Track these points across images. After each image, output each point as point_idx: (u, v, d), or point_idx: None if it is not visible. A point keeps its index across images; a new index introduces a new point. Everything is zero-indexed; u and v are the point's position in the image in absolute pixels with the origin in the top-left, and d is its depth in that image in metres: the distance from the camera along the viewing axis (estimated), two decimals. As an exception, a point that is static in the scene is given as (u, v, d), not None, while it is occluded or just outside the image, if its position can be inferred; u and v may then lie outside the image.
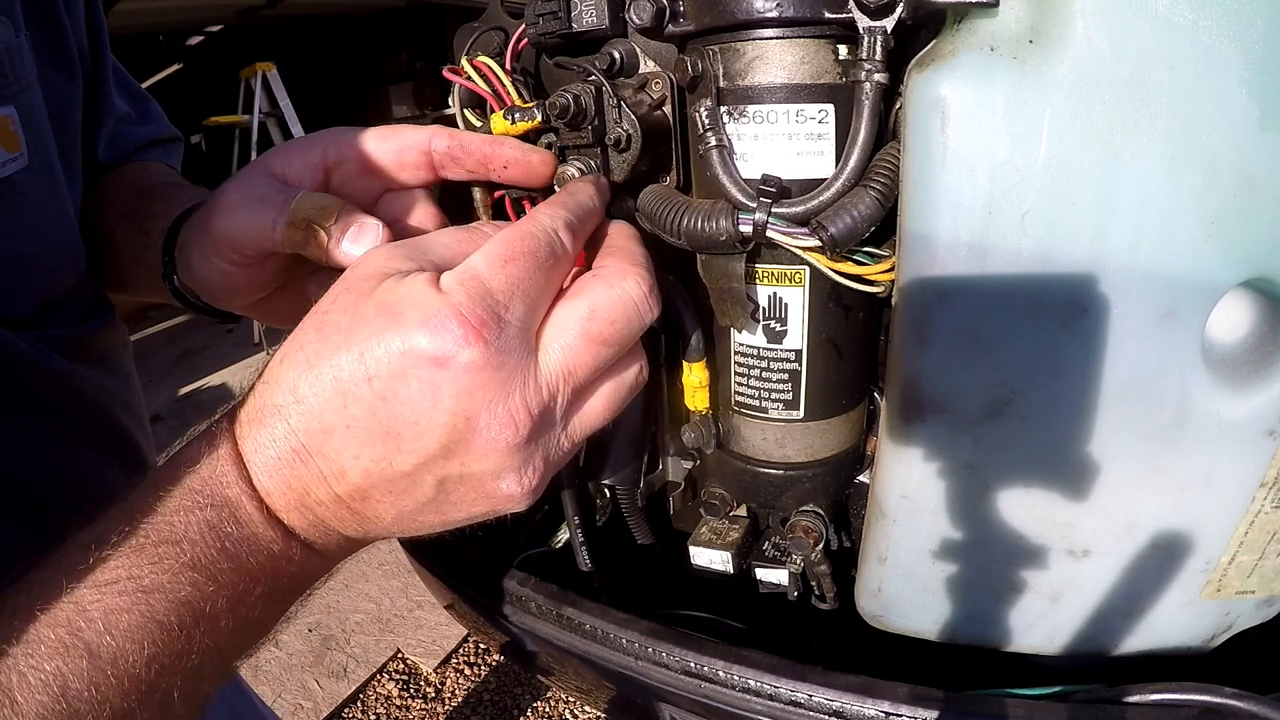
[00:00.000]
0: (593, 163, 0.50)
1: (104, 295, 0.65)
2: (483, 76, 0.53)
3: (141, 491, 0.34)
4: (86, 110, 0.65)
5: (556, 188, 0.51)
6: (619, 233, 0.43)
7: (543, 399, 0.34)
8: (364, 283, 0.34)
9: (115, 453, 0.62)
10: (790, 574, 0.59)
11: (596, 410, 0.38)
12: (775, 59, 0.44)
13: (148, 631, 0.31)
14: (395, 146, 0.47)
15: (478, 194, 0.57)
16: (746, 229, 0.44)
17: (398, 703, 2.00)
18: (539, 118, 0.49)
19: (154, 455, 0.70)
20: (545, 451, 0.36)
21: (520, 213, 0.57)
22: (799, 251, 0.44)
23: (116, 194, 0.66)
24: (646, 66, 0.51)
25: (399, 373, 0.32)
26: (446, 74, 0.55)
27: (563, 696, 1.96)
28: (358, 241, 0.44)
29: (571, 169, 0.49)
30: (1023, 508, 0.47)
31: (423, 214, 0.50)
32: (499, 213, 0.58)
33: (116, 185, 0.67)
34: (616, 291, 0.37)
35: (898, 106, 0.43)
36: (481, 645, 2.11)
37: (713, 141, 0.45)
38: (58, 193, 0.55)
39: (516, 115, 0.50)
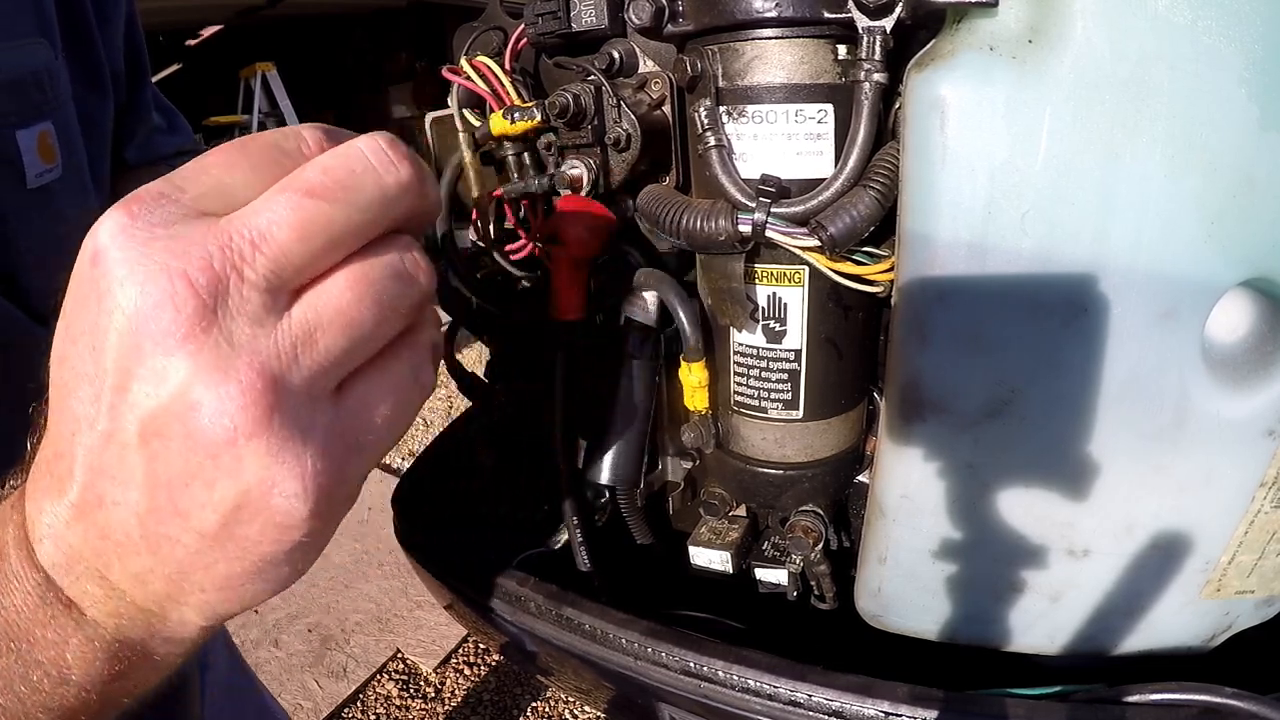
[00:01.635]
0: (592, 162, 0.50)
1: None
2: (482, 76, 0.53)
3: None
4: (126, 120, 0.71)
5: (559, 191, 0.50)
6: None
7: (212, 267, 0.24)
8: None
9: None
10: (790, 574, 0.59)
11: (338, 295, 0.26)
12: (774, 59, 0.44)
13: None
14: None
15: (475, 191, 0.57)
16: (746, 229, 0.44)
17: (397, 703, 2.00)
18: (538, 117, 0.49)
19: None
20: (256, 357, 0.24)
21: (517, 213, 0.57)
22: (798, 251, 0.44)
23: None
24: (646, 66, 0.51)
25: (73, 294, 0.26)
26: (446, 74, 0.55)
27: (562, 696, 1.96)
28: None
29: (577, 168, 0.50)
30: (1023, 508, 0.47)
31: None
32: (498, 215, 0.58)
33: (143, 181, 0.72)
34: (338, 148, 0.27)
35: (897, 106, 0.43)
36: (481, 645, 2.11)
37: (712, 141, 0.45)
38: (87, 202, 0.60)
39: (515, 115, 0.50)
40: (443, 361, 0.61)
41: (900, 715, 0.51)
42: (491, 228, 0.59)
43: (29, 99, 0.52)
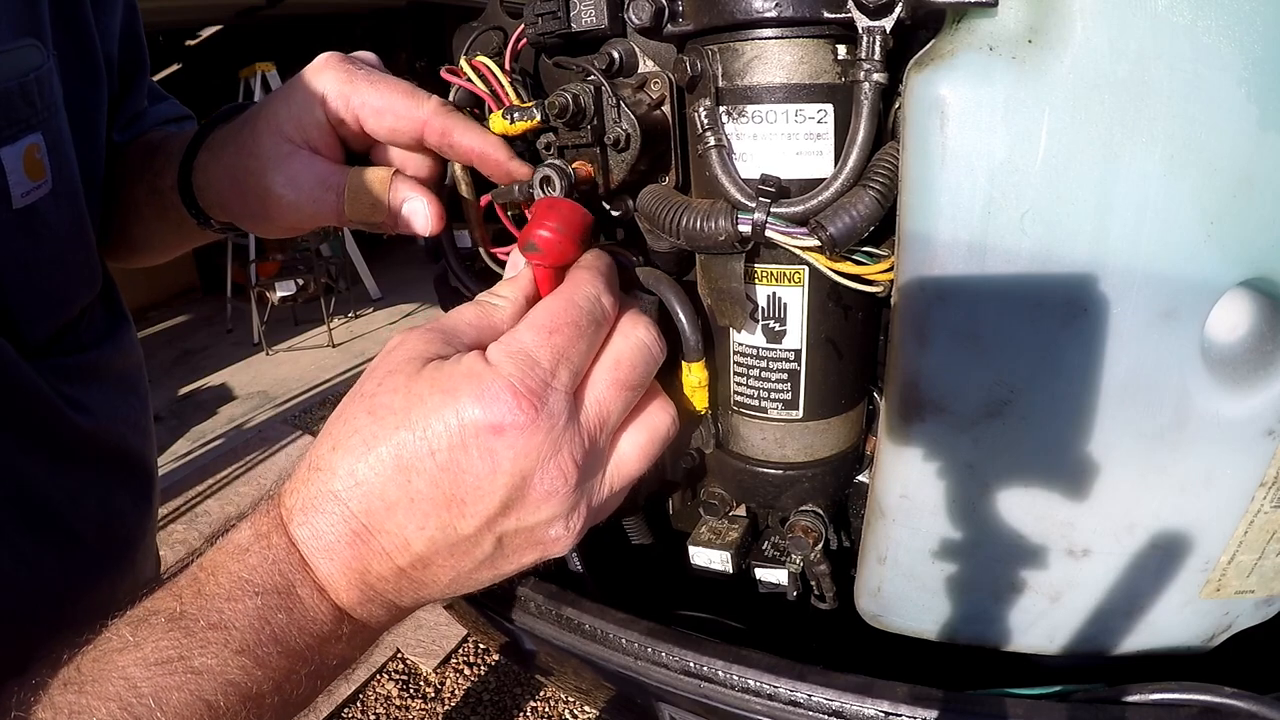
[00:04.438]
0: (592, 166, 0.50)
1: (120, 311, 0.67)
2: (481, 76, 0.53)
3: (189, 575, 0.36)
4: (118, 107, 0.68)
5: (538, 193, 0.49)
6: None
7: (585, 448, 0.38)
8: (408, 365, 0.37)
9: (127, 476, 0.63)
10: (790, 574, 0.59)
11: (631, 458, 0.41)
12: (774, 59, 0.44)
13: (196, 710, 0.33)
14: (389, 124, 0.52)
15: (467, 196, 0.57)
16: (745, 229, 0.44)
17: (397, 703, 2.00)
18: (538, 117, 0.49)
19: (156, 460, 0.71)
20: (588, 497, 0.39)
21: (515, 220, 0.57)
22: (798, 251, 0.44)
23: (133, 157, 0.69)
24: (645, 66, 0.51)
25: (459, 444, 0.35)
26: (445, 74, 0.55)
27: (562, 696, 1.96)
28: (413, 222, 0.53)
29: (549, 171, 0.49)
30: (1022, 508, 0.47)
31: (418, 162, 0.56)
32: (489, 219, 0.58)
33: (133, 152, 0.70)
34: (633, 340, 0.41)
35: (897, 106, 0.43)
36: (481, 645, 2.11)
37: (711, 141, 0.45)
38: (78, 213, 0.57)
39: (515, 115, 0.50)
40: None
41: (900, 715, 0.51)
42: (478, 232, 0.59)
43: (16, 113, 0.49)
